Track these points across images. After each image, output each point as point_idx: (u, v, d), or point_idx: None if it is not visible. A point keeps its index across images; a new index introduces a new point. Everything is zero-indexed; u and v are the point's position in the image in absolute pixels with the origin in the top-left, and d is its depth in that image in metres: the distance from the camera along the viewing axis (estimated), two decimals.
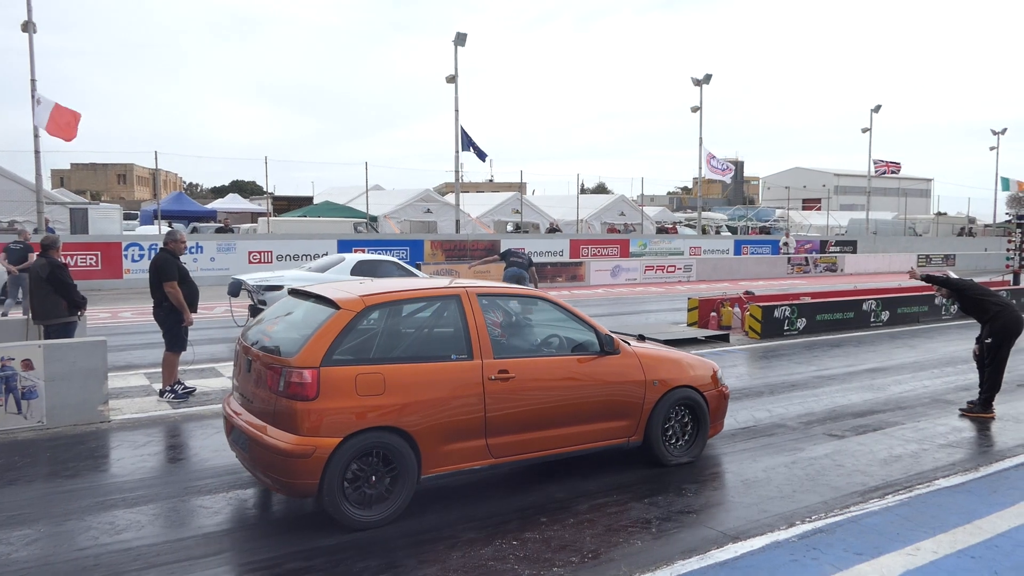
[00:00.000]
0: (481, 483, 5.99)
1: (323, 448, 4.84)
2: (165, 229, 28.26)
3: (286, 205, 39.72)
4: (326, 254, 24.56)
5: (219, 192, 67.07)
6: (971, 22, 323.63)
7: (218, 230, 28.69)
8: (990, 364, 8.23)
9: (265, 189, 33.95)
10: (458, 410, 5.31)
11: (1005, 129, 51.32)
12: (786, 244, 37.10)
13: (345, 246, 25.06)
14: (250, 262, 23.76)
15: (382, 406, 5.03)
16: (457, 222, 31.32)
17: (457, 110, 29.41)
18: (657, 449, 6.31)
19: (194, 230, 29.75)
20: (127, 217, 34.78)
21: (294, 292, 6.10)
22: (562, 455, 5.92)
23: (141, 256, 21.83)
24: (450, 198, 36.34)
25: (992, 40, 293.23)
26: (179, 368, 8.75)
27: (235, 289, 13.63)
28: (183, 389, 8.55)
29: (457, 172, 30.87)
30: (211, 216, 36.09)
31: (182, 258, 8.68)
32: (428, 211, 37.33)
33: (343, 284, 6.18)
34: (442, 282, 6.47)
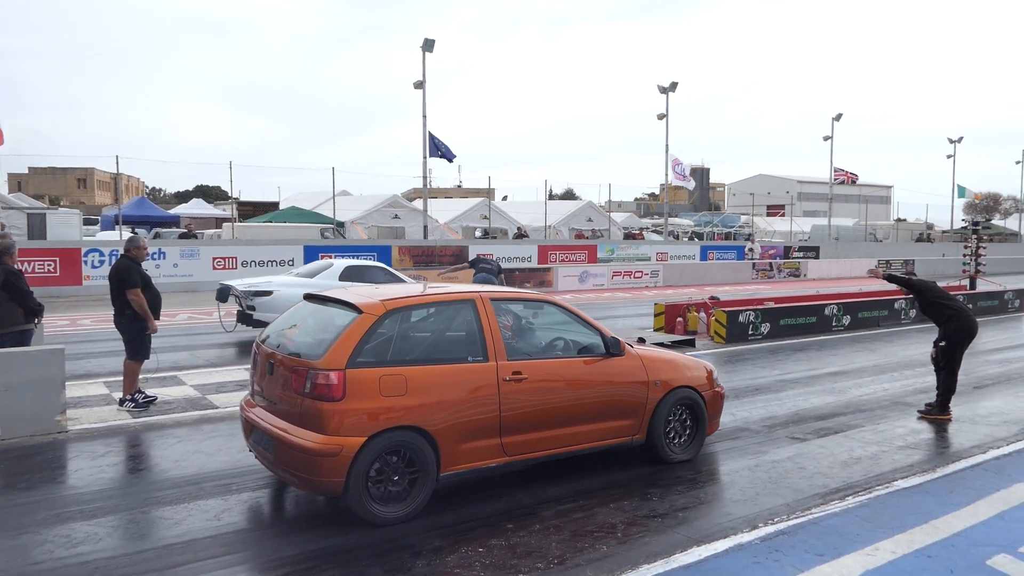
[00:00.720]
0: (447, 491, 5.96)
1: (349, 447, 4.99)
2: (127, 235, 27.78)
3: (251, 210, 39.22)
4: (292, 260, 24.38)
5: (183, 197, 66.11)
6: (929, 34, 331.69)
7: (181, 236, 28.20)
8: (945, 367, 8.43)
9: (230, 194, 33.50)
10: (475, 410, 5.51)
11: (961, 138, 52.74)
12: (751, 250, 37.60)
13: (311, 252, 24.83)
14: (214, 268, 23.42)
15: (405, 406, 5.22)
16: (425, 228, 31.26)
17: (425, 116, 29.39)
18: (659, 447, 6.55)
19: (157, 236, 29.24)
20: (87, 222, 34.06)
21: (310, 297, 6.27)
22: (570, 453, 6.13)
23: (101, 262, 21.40)
24: (418, 204, 36.26)
25: (949, 51, 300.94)
26: (140, 377, 8.60)
27: (223, 294, 13.53)
28: (144, 398, 8.39)
29: (425, 178, 30.83)
30: (174, 221, 35.51)
31: (144, 264, 8.53)
32: (396, 217, 37.20)
33: (360, 289, 6.36)
34: (456, 288, 6.63)
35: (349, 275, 13.54)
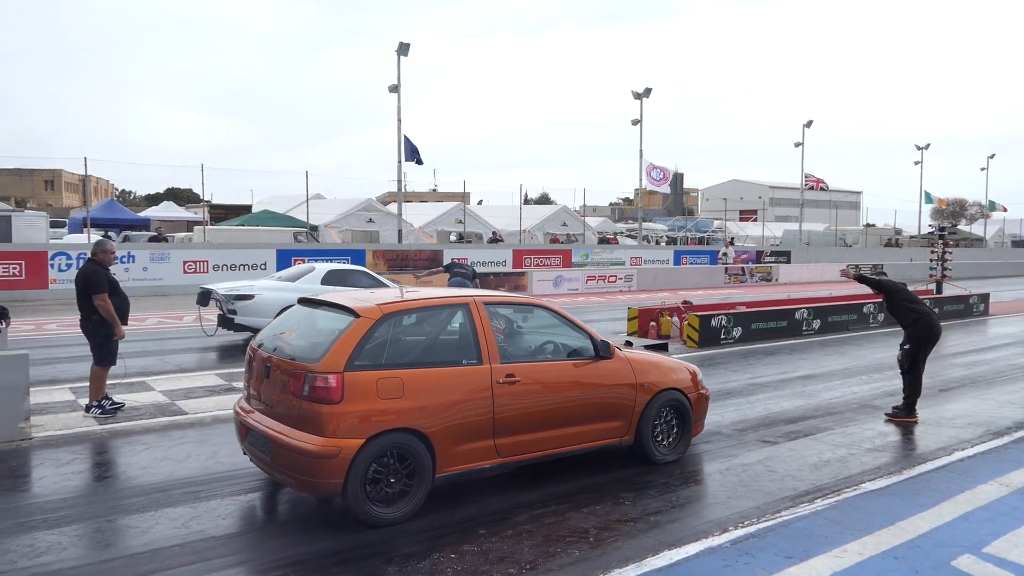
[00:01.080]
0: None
1: (348, 449, 5.05)
2: (95, 238, 27.33)
3: (223, 214, 38.79)
4: (264, 264, 24.17)
5: (153, 200, 65.16)
6: (898, 43, 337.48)
7: (151, 239, 27.84)
8: (909, 370, 8.57)
9: (202, 197, 33.12)
10: (470, 412, 5.59)
11: (928, 144, 53.70)
12: (725, 255, 37.94)
13: (284, 256, 24.64)
14: (185, 272, 23.15)
15: (401, 409, 5.29)
16: (400, 232, 31.13)
17: (400, 119, 29.30)
18: (647, 448, 6.68)
19: (126, 239, 28.82)
20: (54, 225, 33.43)
21: (305, 301, 6.36)
22: (562, 454, 6.24)
23: (69, 266, 21.04)
24: (393, 207, 36.13)
25: (918, 60, 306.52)
26: (108, 383, 8.46)
27: (204, 299, 13.42)
28: (111, 404, 8.25)
29: (400, 182, 30.72)
30: (144, 224, 35.03)
31: (113, 268, 8.39)
32: (370, 220, 37.03)
33: (356, 294, 6.48)
34: (450, 292, 6.80)
35: (331, 279, 13.60)
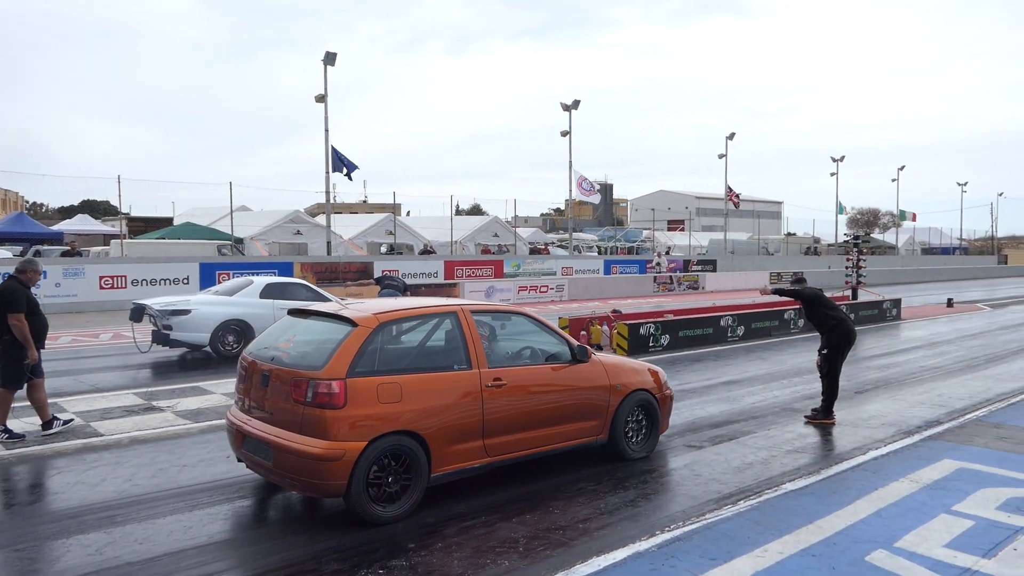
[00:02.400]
0: (348, 512, 5.86)
1: (351, 451, 5.30)
2: (2, 253, 26.00)
3: (143, 227, 37.49)
4: (187, 279, 23.44)
5: (67, 212, 62.41)
6: (814, 60, 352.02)
7: (64, 253, 26.64)
8: (827, 374, 8.90)
9: (119, 209, 31.90)
10: (461, 414, 5.88)
11: (843, 156, 56.05)
12: (658, 264, 38.67)
13: (208, 269, 23.96)
14: (102, 287, 22.24)
15: (400, 412, 5.55)
16: (328, 244, 30.65)
17: (327, 130, 28.93)
18: (620, 446, 7.09)
19: (37, 254, 27.51)
20: None
21: (295, 312, 6.64)
22: (544, 453, 6.58)
23: None
24: (321, 219, 35.57)
25: (832, 75, 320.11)
26: (13, 406, 8.03)
27: (138, 314, 13.06)
28: (8, 436, 7.75)
29: (328, 193, 30.28)
30: (57, 238, 33.51)
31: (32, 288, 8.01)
32: (298, 232, 36.39)
33: (351, 304, 6.71)
34: (440, 301, 7.14)
35: (270, 292, 13.52)
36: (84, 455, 7.36)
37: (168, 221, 39.96)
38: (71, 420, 8.19)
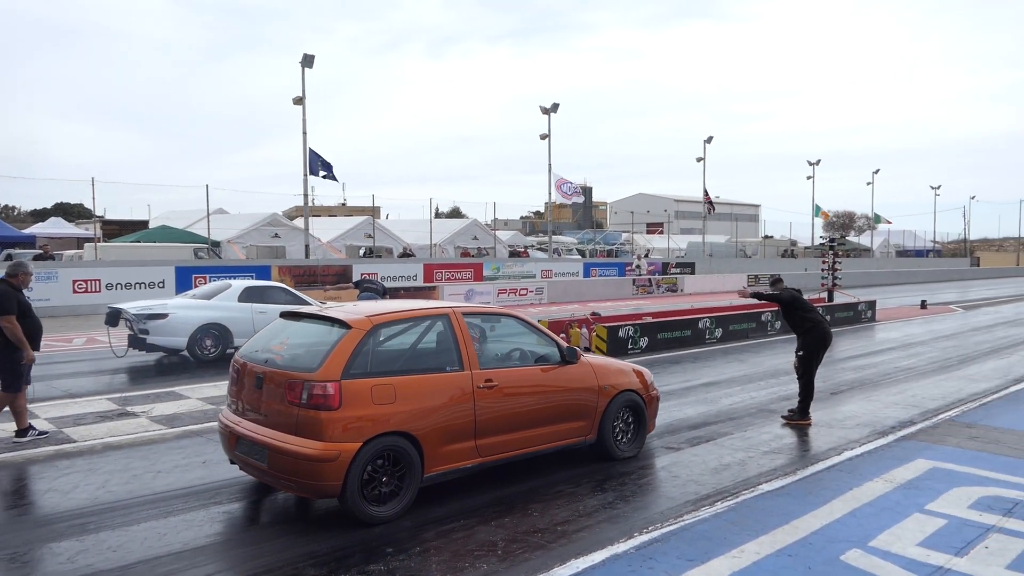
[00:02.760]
0: (325, 516, 5.82)
1: (346, 452, 5.34)
2: None
3: (117, 230, 37.08)
4: (162, 282, 23.18)
5: (40, 216, 61.41)
6: (791, 64, 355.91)
7: (36, 257, 26.23)
8: (803, 375, 8.99)
9: (93, 212, 31.49)
10: (454, 415, 5.95)
11: (819, 160, 56.74)
12: (638, 267, 38.83)
13: (184, 273, 23.72)
14: (75, 291, 21.94)
15: (394, 413, 5.61)
16: (307, 247, 30.48)
17: (305, 132, 28.77)
18: (609, 446, 7.19)
19: (8, 257, 27.09)
20: None
21: (287, 315, 6.71)
22: (534, 453, 6.66)
23: None
24: (299, 222, 35.36)
25: (809, 79, 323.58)
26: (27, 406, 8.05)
27: (113, 319, 12.87)
28: (38, 434, 7.89)
29: (306, 195, 30.11)
30: (29, 241, 33.04)
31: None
32: (276, 236, 36.12)
33: (344, 306, 6.87)
34: (430, 303, 7.08)
35: (248, 296, 13.47)
36: (56, 462, 7.25)
37: (143, 224, 39.55)
38: (45, 434, 8.08)
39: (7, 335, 7.62)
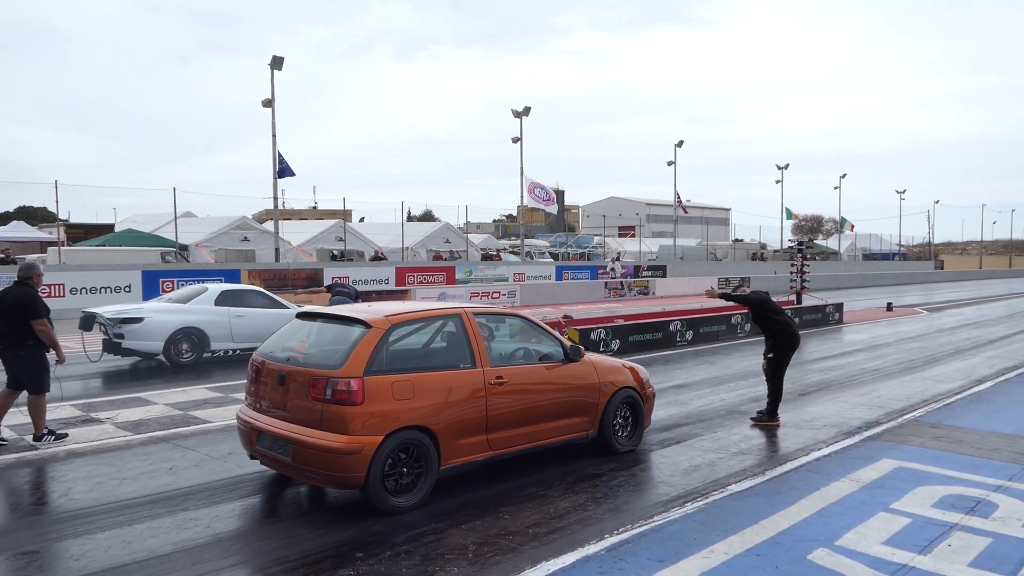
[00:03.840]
0: (295, 522, 5.76)
1: (369, 445, 5.59)
2: None
3: (83, 234, 36.43)
4: (128, 287, 22.81)
5: (1, 219, 60.18)
6: (757, 71, 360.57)
7: None
8: (772, 376, 9.09)
9: (57, 216, 30.91)
10: (467, 410, 6.22)
11: (788, 164, 57.45)
12: (612, 269, 39.00)
13: (151, 277, 23.37)
14: None
15: (413, 408, 5.87)
16: (277, 250, 30.20)
17: (274, 135, 28.52)
18: (609, 440, 7.50)
19: None
20: None
21: (304, 316, 7.05)
22: (540, 447, 6.95)
23: None
24: (269, 225, 35.02)
25: (776, 86, 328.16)
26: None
27: (88, 323, 12.78)
28: (54, 438, 7.91)
29: (276, 198, 29.85)
30: None
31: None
32: (245, 239, 35.74)
33: (360, 307, 7.12)
34: (443, 304, 7.48)
35: (225, 299, 13.46)
36: (17, 470, 7.09)
37: (109, 228, 38.89)
38: (65, 435, 8.08)
39: (42, 338, 7.72)
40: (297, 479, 6.27)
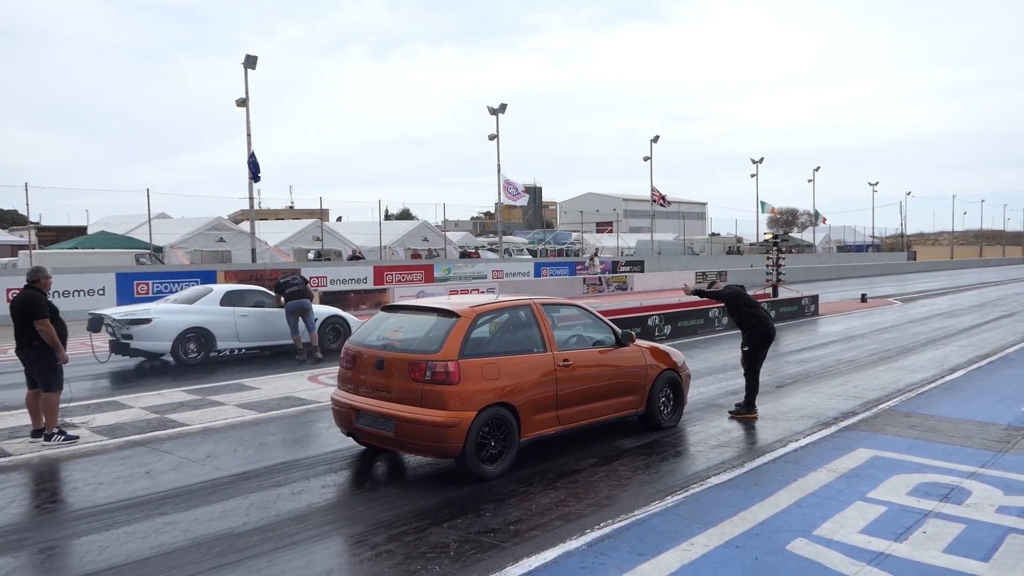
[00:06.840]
0: (259, 529, 5.71)
1: (465, 420, 6.34)
2: None
3: (55, 236, 35.91)
4: (102, 289, 22.50)
5: None
6: (729, 67, 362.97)
7: None
8: (749, 369, 9.17)
9: (28, 218, 30.41)
10: (541, 389, 6.99)
11: (762, 159, 57.91)
12: (593, 264, 39.05)
13: (125, 280, 23.07)
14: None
15: (499, 387, 6.65)
16: (253, 251, 29.94)
17: (249, 135, 28.23)
18: (656, 417, 8.32)
19: None
20: None
21: (389, 308, 7.84)
22: (598, 423, 7.73)
23: None
24: (245, 226, 34.72)
25: (749, 81, 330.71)
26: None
27: (96, 324, 12.95)
28: (65, 437, 8.04)
29: (251, 199, 29.57)
30: None
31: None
32: (221, 240, 35.40)
33: (446, 299, 7.91)
34: (515, 296, 8.02)
35: (230, 299, 13.91)
36: None
37: (82, 230, 38.37)
38: (75, 438, 8.19)
39: (43, 338, 7.86)
40: (399, 452, 7.11)
